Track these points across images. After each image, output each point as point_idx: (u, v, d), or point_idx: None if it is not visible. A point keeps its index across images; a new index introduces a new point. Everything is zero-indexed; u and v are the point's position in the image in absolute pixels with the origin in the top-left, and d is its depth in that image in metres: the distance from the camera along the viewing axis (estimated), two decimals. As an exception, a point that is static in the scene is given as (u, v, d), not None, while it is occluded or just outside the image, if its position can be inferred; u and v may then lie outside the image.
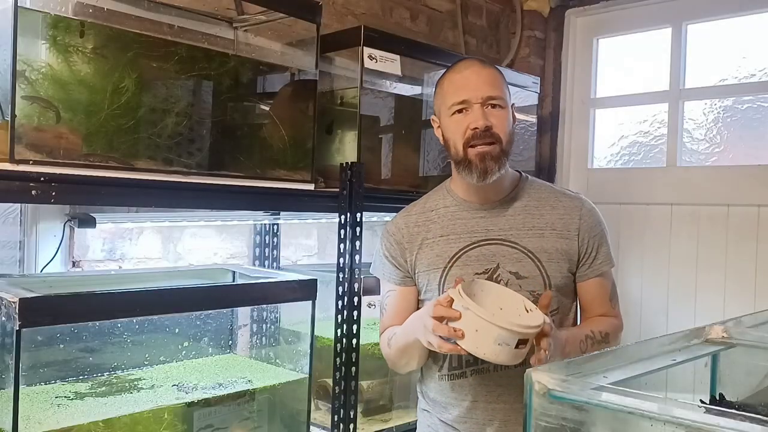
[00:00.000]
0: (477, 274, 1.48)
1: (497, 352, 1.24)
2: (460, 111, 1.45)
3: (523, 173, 1.61)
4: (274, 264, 2.19)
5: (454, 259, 1.51)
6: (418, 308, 1.56)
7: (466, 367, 1.51)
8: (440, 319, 1.27)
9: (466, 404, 1.51)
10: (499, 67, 1.57)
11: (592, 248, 1.51)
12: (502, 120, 1.45)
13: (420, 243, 1.55)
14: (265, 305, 2.05)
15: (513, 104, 1.54)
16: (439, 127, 1.53)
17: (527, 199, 1.54)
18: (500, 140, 1.44)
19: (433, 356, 1.55)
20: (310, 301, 1.74)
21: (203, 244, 2.08)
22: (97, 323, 1.58)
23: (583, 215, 1.52)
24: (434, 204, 1.59)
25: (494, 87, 1.45)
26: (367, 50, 1.92)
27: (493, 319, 1.23)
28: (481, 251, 1.50)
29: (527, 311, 1.33)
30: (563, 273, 1.49)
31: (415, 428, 1.68)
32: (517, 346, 1.24)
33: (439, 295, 1.50)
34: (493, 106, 1.45)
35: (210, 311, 1.83)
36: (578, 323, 1.58)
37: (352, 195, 1.86)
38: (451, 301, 1.26)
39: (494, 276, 1.48)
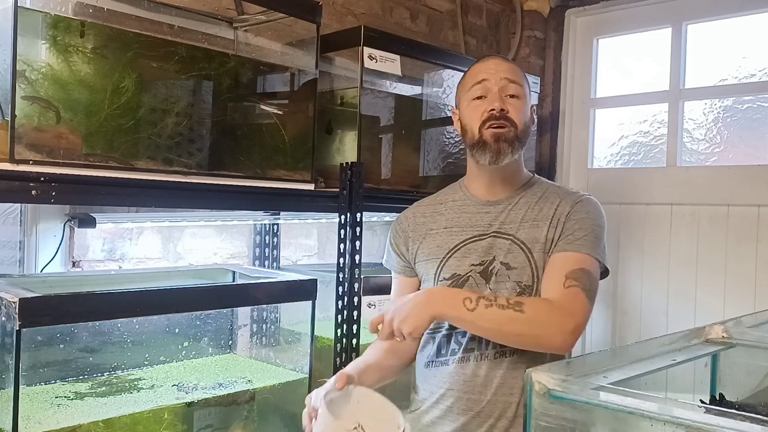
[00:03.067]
0: (473, 265, 1.50)
1: None
2: (479, 98, 1.49)
3: (535, 174, 1.63)
4: (274, 264, 2.19)
5: (454, 250, 1.53)
6: None
7: (450, 355, 1.52)
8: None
9: (440, 392, 1.52)
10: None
11: (570, 226, 1.45)
12: (518, 108, 1.49)
13: (424, 233, 1.59)
14: (265, 305, 2.06)
15: (533, 106, 1.56)
16: (459, 119, 1.57)
17: (531, 196, 1.54)
18: (516, 125, 1.48)
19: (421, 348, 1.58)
20: (310, 301, 1.74)
21: (203, 244, 2.08)
22: (97, 323, 1.59)
23: (576, 204, 1.49)
24: (445, 197, 1.63)
25: (515, 75, 1.50)
26: (367, 50, 1.92)
27: (333, 424, 1.23)
28: (480, 244, 1.51)
29: (398, 427, 1.30)
30: None
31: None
32: None
33: (435, 284, 1.53)
34: (512, 96, 1.48)
35: (210, 311, 1.83)
36: None
37: (352, 195, 1.86)
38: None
39: (489, 268, 1.49)
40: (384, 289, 1.88)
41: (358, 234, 1.86)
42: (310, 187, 1.83)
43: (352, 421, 1.28)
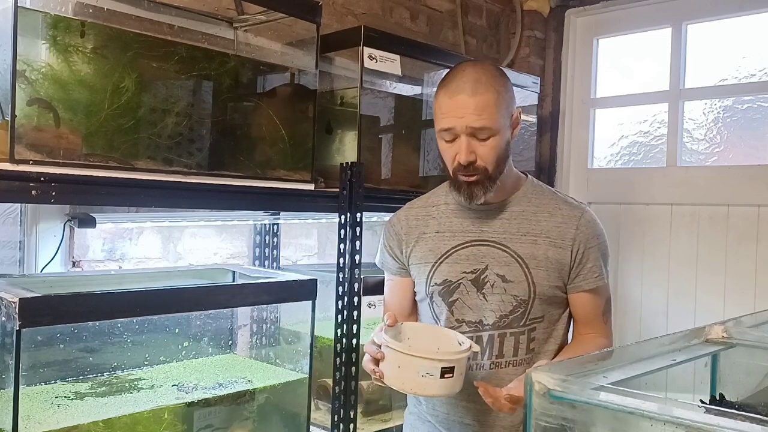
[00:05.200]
0: (465, 273, 1.49)
1: (424, 385, 1.25)
2: (448, 140, 1.44)
3: (528, 175, 1.59)
4: (274, 264, 2.19)
5: (445, 256, 1.52)
6: (414, 298, 1.61)
7: None
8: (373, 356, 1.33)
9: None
10: (503, 70, 1.51)
11: (586, 260, 1.48)
12: (489, 150, 1.42)
13: (417, 237, 1.57)
14: (265, 305, 2.05)
15: (518, 109, 1.49)
16: None
17: (526, 204, 1.52)
18: (485, 170, 1.43)
19: None
20: (310, 301, 1.74)
21: (203, 244, 2.08)
22: (97, 323, 1.58)
23: (581, 225, 1.48)
24: (436, 200, 1.60)
25: (482, 117, 1.39)
26: (367, 50, 1.92)
27: (410, 350, 1.25)
28: (471, 251, 1.50)
29: (460, 344, 1.34)
30: (551, 282, 1.46)
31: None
32: (442, 376, 1.24)
33: (426, 289, 1.54)
34: (482, 137, 1.41)
35: (210, 311, 1.83)
36: (569, 334, 1.56)
37: (352, 195, 1.86)
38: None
39: (482, 277, 1.48)
40: (384, 289, 1.88)
41: (358, 234, 1.86)
42: (310, 187, 1.83)
43: (420, 349, 1.30)
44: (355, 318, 1.87)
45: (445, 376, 1.24)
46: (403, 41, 2.11)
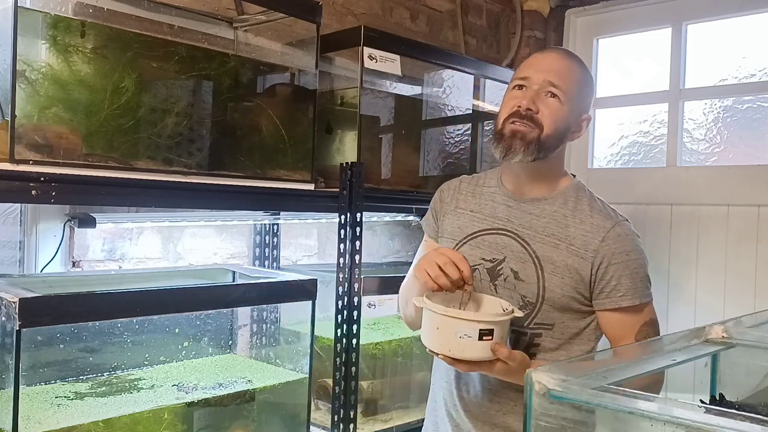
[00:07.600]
0: (483, 260, 1.47)
1: (462, 347, 1.24)
2: (519, 87, 1.42)
3: (576, 177, 1.55)
4: (274, 264, 2.19)
5: (469, 238, 1.50)
6: None
7: None
8: None
9: (452, 374, 1.52)
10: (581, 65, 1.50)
11: (610, 277, 1.39)
12: (553, 110, 1.39)
13: (453, 208, 1.56)
14: (265, 305, 2.06)
15: (587, 116, 1.48)
16: None
17: (560, 206, 1.46)
18: (542, 127, 1.39)
19: None
20: (310, 301, 1.74)
21: (203, 244, 2.08)
22: (97, 323, 1.59)
23: (608, 238, 1.40)
24: (485, 181, 1.58)
25: (562, 78, 1.39)
26: (367, 50, 1.92)
27: (448, 311, 1.25)
28: (495, 239, 1.47)
29: (504, 310, 1.33)
30: (565, 290, 1.40)
31: (416, 428, 1.68)
32: (481, 338, 1.23)
33: None
34: (553, 95, 1.39)
35: (210, 311, 1.83)
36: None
37: (352, 195, 1.86)
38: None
39: (498, 268, 1.46)
40: (384, 289, 1.88)
41: (358, 234, 1.86)
42: (310, 187, 1.83)
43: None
44: (355, 318, 1.87)
45: (484, 338, 1.23)
46: (403, 41, 2.11)
